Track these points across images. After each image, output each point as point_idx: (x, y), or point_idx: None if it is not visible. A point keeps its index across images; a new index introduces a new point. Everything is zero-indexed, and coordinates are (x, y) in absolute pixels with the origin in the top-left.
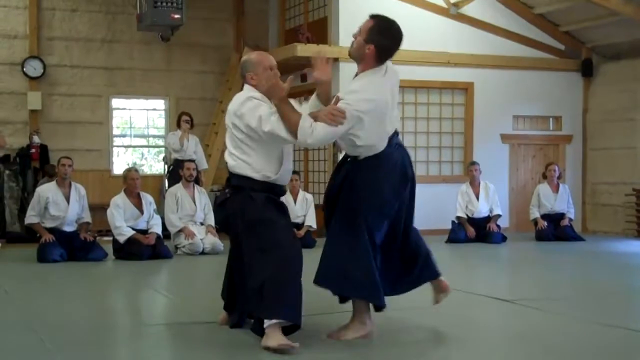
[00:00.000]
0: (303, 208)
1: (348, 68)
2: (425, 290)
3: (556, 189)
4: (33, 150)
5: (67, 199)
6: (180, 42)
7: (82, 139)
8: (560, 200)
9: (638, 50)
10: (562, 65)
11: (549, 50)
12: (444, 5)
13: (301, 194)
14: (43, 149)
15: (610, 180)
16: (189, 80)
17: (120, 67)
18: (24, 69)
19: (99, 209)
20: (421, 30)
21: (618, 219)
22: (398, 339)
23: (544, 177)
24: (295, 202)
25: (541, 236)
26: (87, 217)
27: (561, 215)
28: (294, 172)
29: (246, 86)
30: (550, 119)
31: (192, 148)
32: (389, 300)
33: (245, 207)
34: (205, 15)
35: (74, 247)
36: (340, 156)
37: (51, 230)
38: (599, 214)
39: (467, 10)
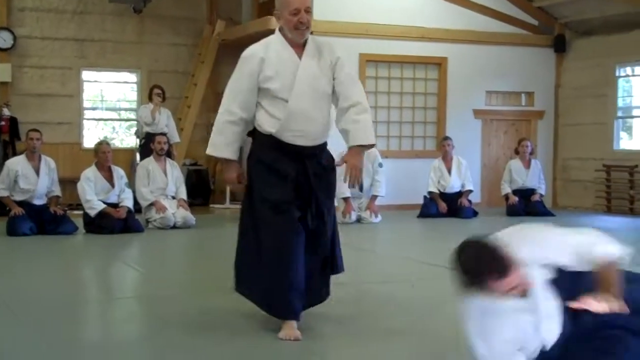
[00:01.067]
0: None
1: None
2: (401, 264)
3: (528, 165)
4: (3, 123)
5: (37, 172)
6: (152, 14)
7: (53, 112)
8: (532, 175)
9: (610, 26)
10: (535, 41)
11: (522, 26)
12: None
13: None
14: (13, 121)
15: (581, 155)
16: (161, 52)
17: (91, 39)
18: None
19: (69, 182)
20: (396, 5)
21: (588, 195)
22: (370, 309)
23: (516, 152)
24: None
25: (512, 211)
26: (57, 191)
27: (532, 191)
28: None
29: (277, 29)
30: (523, 94)
31: (164, 121)
32: (362, 273)
33: None
34: None
35: (44, 220)
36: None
37: (21, 204)
38: (569, 189)
39: None
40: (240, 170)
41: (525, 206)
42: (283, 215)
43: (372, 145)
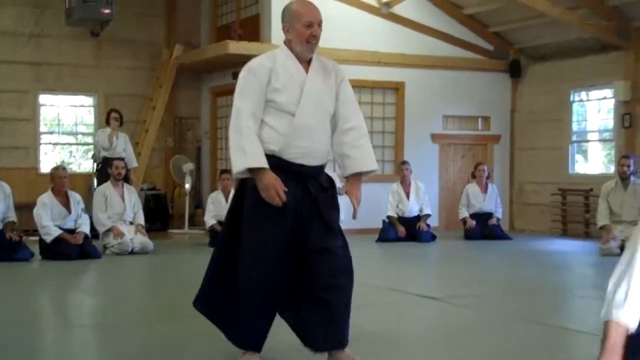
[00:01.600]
0: None
1: None
2: (360, 288)
3: (485, 189)
4: None
5: None
6: (110, 38)
7: (8, 136)
8: (489, 200)
9: (565, 51)
10: (491, 66)
11: (478, 51)
12: (375, 4)
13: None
14: None
15: (537, 179)
16: (118, 76)
17: (48, 63)
18: None
19: (25, 208)
20: (353, 29)
21: (544, 218)
22: None
23: (473, 176)
24: (227, 200)
25: (469, 235)
26: (13, 216)
27: (489, 215)
28: (227, 171)
29: (282, 42)
30: (479, 119)
31: (122, 146)
32: None
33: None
34: (136, 10)
35: None
36: None
37: None
38: (526, 212)
39: (398, 10)
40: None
41: (483, 230)
42: (271, 252)
43: (372, 171)
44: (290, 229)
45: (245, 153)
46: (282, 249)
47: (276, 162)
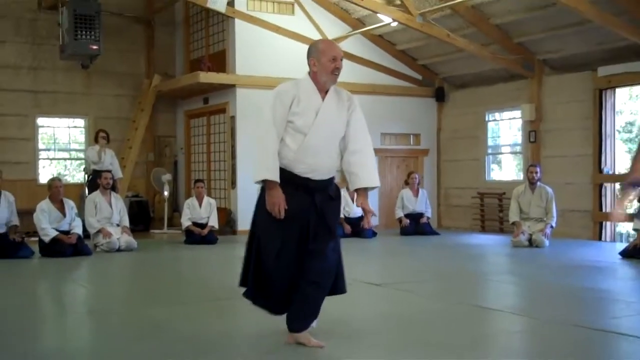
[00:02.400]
0: (207, 211)
1: (243, 93)
2: None
3: (416, 193)
4: None
5: None
6: (98, 70)
7: (11, 153)
8: (420, 202)
9: (480, 80)
10: (420, 92)
11: (409, 80)
12: None
13: (206, 199)
14: None
15: (460, 185)
16: (106, 102)
17: (45, 91)
18: None
19: (26, 213)
20: (304, 62)
21: (466, 217)
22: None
23: (406, 183)
24: (200, 205)
25: (404, 232)
26: (16, 221)
27: (420, 215)
28: (200, 180)
29: (306, 73)
30: (411, 135)
31: (109, 160)
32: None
33: None
34: (120, 46)
35: (4, 246)
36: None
37: None
38: (451, 212)
39: (343, 46)
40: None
41: (416, 227)
42: (283, 253)
43: (375, 187)
44: (299, 230)
45: (267, 168)
46: (292, 245)
47: (287, 175)
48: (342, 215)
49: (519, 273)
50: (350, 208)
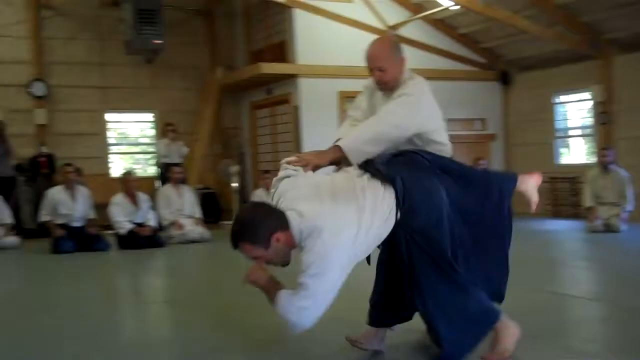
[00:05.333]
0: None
1: (305, 82)
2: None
3: None
4: (42, 159)
5: (73, 199)
6: (163, 64)
7: (83, 148)
8: None
9: (546, 62)
10: (485, 76)
11: (473, 64)
12: (382, 27)
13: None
14: (50, 157)
15: (530, 170)
16: (172, 95)
17: (112, 86)
18: (31, 90)
19: (100, 207)
20: (364, 49)
21: (538, 202)
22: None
23: None
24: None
25: None
26: (92, 214)
27: None
28: (267, 171)
29: None
30: (477, 120)
31: (177, 153)
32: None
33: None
34: (182, 40)
35: (82, 239)
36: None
37: (62, 226)
38: (522, 198)
39: (403, 32)
40: None
41: None
42: None
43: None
44: None
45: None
46: None
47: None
48: None
49: (596, 259)
50: None
